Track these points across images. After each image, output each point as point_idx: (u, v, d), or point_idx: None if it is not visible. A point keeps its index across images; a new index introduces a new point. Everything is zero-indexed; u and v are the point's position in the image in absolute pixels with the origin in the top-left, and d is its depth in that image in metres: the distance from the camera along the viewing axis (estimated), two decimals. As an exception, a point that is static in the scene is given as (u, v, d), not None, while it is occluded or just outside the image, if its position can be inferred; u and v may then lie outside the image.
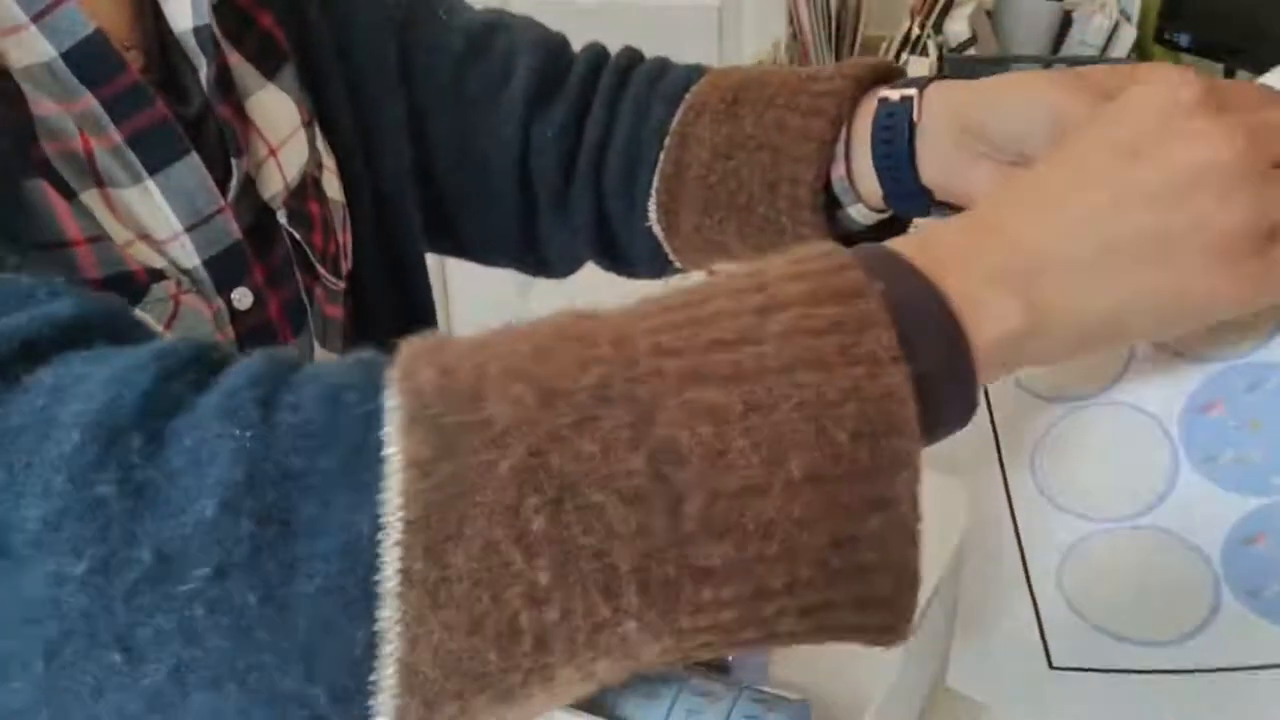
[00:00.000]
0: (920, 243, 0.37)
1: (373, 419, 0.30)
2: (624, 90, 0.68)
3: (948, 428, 0.37)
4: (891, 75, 0.61)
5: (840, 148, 0.58)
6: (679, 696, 0.40)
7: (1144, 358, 0.43)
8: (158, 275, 0.51)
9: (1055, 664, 0.40)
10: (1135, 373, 0.43)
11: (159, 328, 0.50)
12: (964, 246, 0.37)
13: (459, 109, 0.70)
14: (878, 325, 0.33)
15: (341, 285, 0.65)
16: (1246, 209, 0.36)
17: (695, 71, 0.68)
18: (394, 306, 0.70)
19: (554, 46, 0.71)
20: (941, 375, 0.35)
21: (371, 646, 0.29)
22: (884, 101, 0.58)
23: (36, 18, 0.49)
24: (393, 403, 0.31)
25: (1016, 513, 0.44)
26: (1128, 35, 1.64)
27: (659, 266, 0.68)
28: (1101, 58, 1.64)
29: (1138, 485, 0.42)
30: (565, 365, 0.32)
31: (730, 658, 0.43)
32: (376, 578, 0.29)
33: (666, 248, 0.65)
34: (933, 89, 0.57)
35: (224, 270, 0.55)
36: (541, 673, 0.31)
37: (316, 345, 0.62)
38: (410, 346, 0.33)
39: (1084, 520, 0.42)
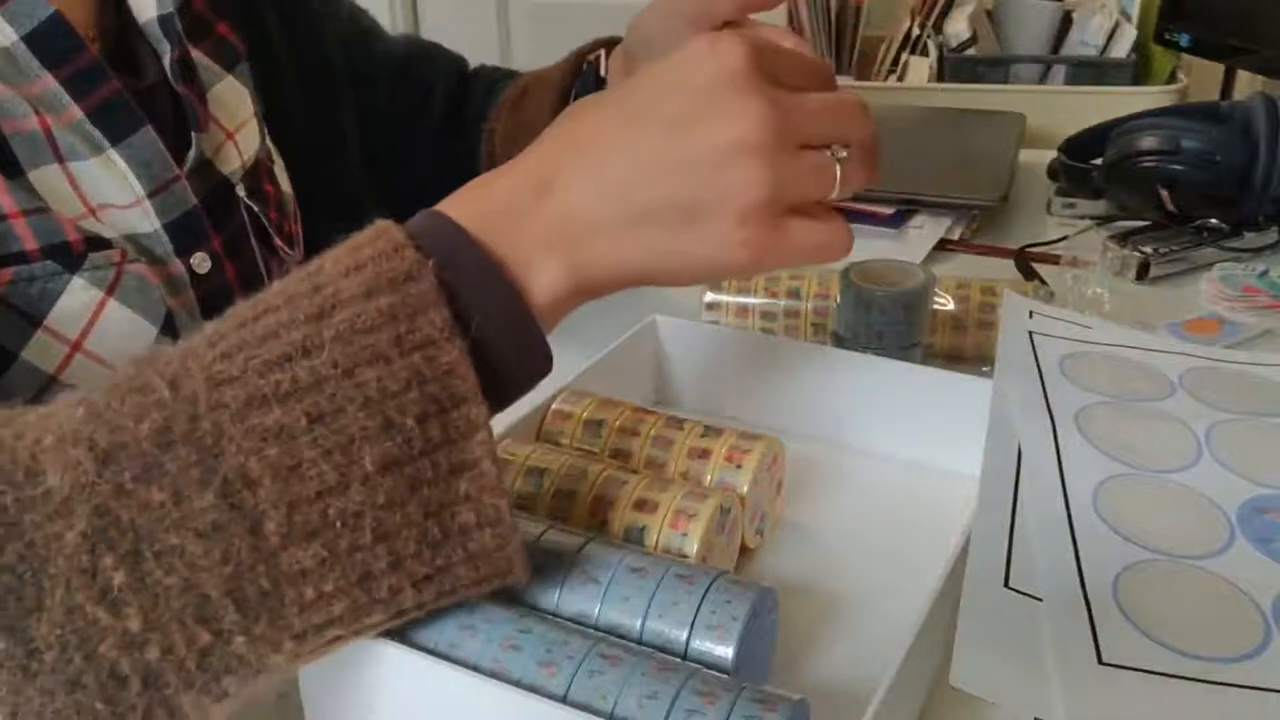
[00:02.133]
0: (476, 201, 0.40)
1: None
2: (482, 100, 0.80)
3: (523, 381, 0.40)
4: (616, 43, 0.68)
5: None
6: (679, 696, 0.39)
7: (1210, 462, 0.51)
8: (100, 245, 0.54)
9: (1105, 660, 0.40)
10: (1203, 469, 0.50)
11: (100, 293, 0.54)
12: (516, 207, 0.40)
13: (393, 127, 0.80)
14: (431, 307, 0.35)
15: (297, 259, 0.69)
16: (769, 188, 0.39)
17: (520, 74, 0.79)
18: None
19: (460, 72, 0.83)
20: (505, 336, 0.38)
21: None
22: (586, 63, 0.67)
23: None
24: None
25: (1076, 530, 0.47)
26: (1128, 35, 1.63)
27: None
28: (1101, 58, 1.64)
29: (1195, 537, 0.47)
30: (124, 420, 0.32)
31: (730, 657, 0.43)
32: None
33: None
34: (619, 45, 0.63)
35: (183, 235, 0.59)
36: (164, 705, 0.32)
37: None
38: None
39: (1143, 550, 0.46)
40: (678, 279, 0.41)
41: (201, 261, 0.60)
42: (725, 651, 0.43)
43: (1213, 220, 0.95)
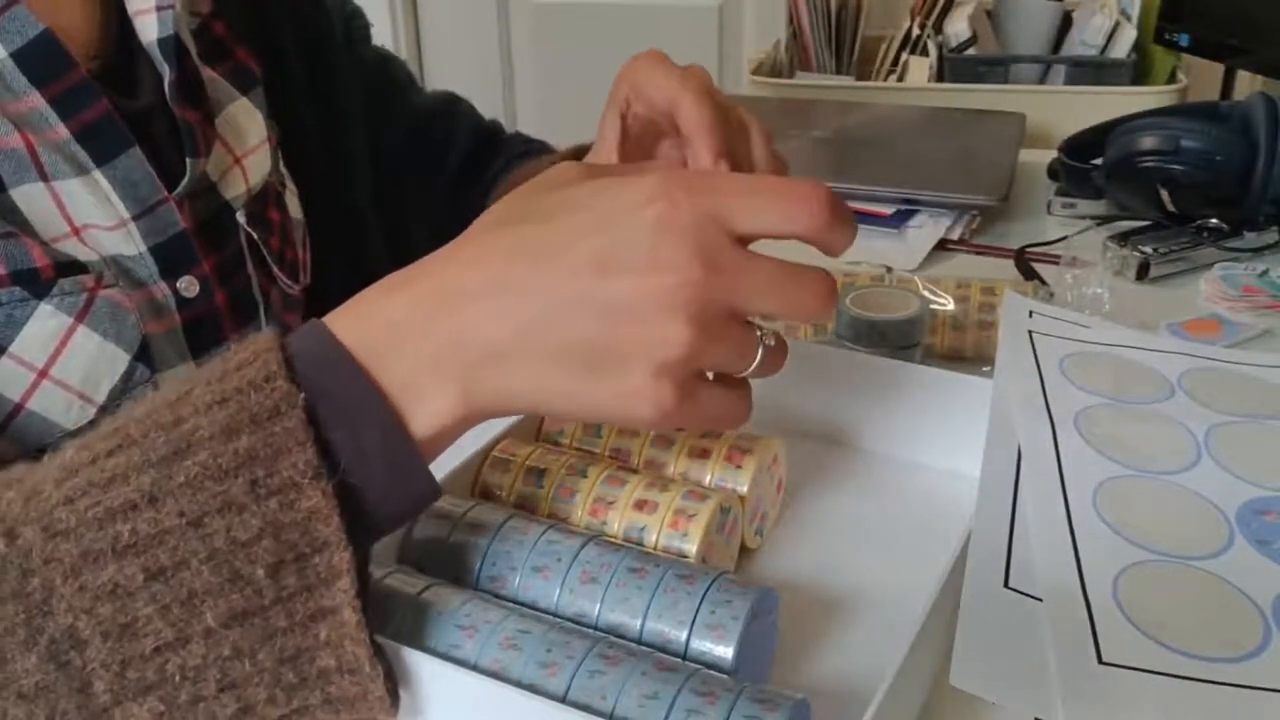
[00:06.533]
0: (367, 316, 0.37)
1: None
2: (499, 171, 0.81)
3: (404, 511, 0.38)
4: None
5: None
6: (679, 696, 0.39)
7: (1209, 464, 0.51)
8: (69, 270, 0.53)
9: (1105, 659, 0.40)
10: (1202, 471, 0.50)
11: (69, 319, 0.53)
12: (409, 326, 0.37)
13: (408, 177, 0.81)
14: (296, 447, 0.34)
15: (297, 290, 0.69)
16: (689, 349, 0.36)
17: (529, 156, 0.80)
18: None
19: (484, 133, 0.83)
20: (382, 471, 0.36)
21: None
22: None
23: None
24: None
25: (1076, 530, 0.47)
26: (1128, 35, 1.64)
27: None
28: (1101, 58, 1.64)
29: (1195, 538, 0.47)
30: None
31: (730, 657, 0.43)
32: None
33: None
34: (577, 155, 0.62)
35: (170, 258, 0.58)
36: None
37: None
38: None
39: (1142, 550, 0.46)
40: (574, 419, 0.38)
41: (189, 285, 0.59)
42: (725, 651, 0.43)
43: (1213, 220, 0.95)
